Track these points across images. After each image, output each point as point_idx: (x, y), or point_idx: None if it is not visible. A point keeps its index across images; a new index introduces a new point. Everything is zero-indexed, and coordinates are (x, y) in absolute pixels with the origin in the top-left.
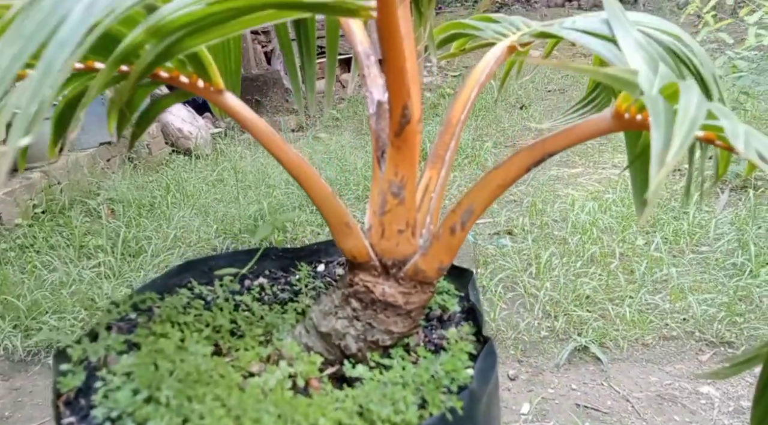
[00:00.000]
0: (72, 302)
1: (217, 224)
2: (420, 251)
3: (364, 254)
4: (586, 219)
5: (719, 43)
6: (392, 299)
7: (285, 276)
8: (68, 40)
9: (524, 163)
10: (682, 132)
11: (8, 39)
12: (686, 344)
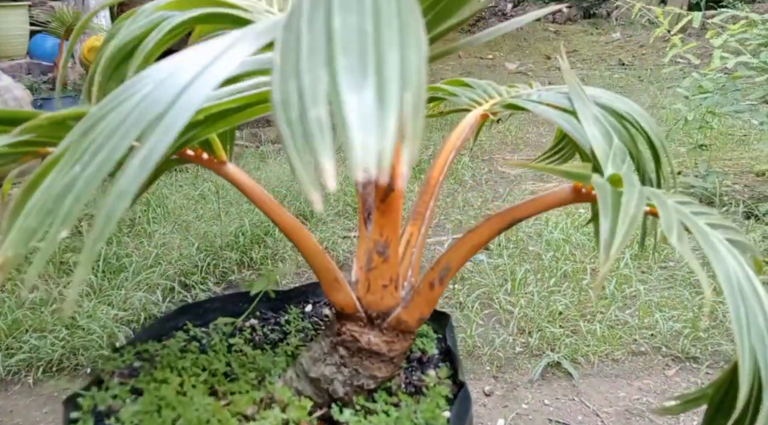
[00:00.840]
0: (53, 320)
1: (199, 241)
2: (402, 303)
3: (352, 306)
4: (559, 236)
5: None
6: (377, 348)
7: (275, 317)
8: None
9: (495, 228)
10: (623, 230)
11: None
12: (654, 359)
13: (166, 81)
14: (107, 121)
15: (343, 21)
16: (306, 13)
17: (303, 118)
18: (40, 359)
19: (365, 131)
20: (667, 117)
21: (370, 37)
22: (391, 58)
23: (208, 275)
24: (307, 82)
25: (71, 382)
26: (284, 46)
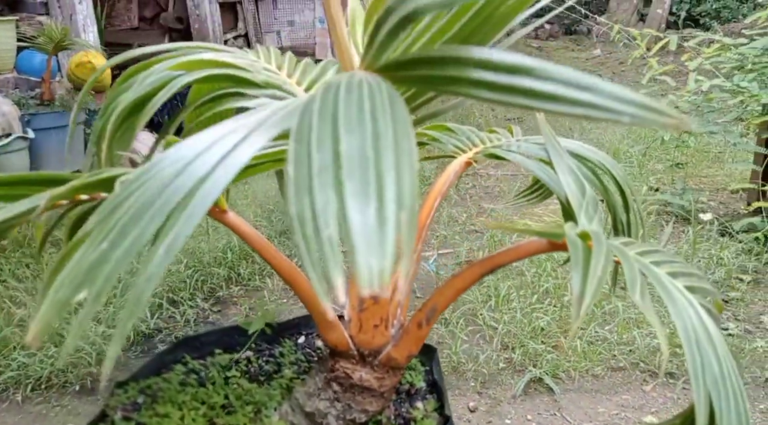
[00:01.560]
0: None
1: (187, 257)
2: (392, 341)
3: (345, 344)
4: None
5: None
6: (368, 384)
7: (269, 348)
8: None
9: (477, 273)
10: (591, 290)
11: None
12: (632, 374)
13: (188, 168)
14: (132, 201)
15: (349, 144)
16: (315, 131)
17: (317, 235)
18: (29, 376)
19: (369, 253)
20: (646, 135)
21: (371, 161)
22: (389, 183)
23: (196, 292)
24: (320, 203)
25: (60, 400)
26: (296, 159)
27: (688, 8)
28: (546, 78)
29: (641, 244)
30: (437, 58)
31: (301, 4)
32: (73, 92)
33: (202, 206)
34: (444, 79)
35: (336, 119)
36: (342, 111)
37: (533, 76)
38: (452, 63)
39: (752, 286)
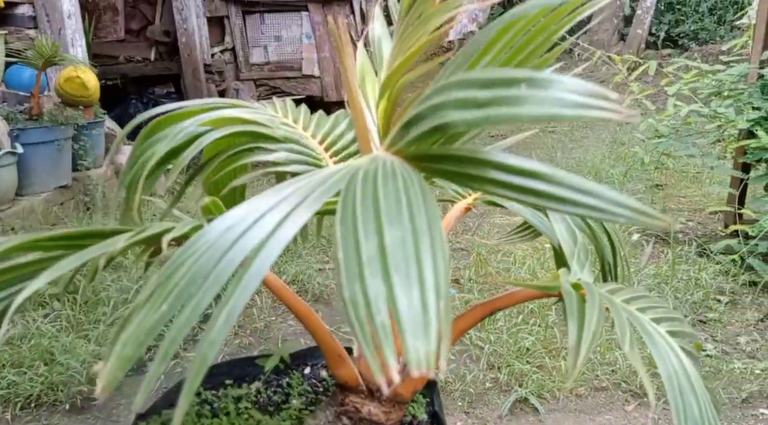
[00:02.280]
0: (31, 356)
1: None
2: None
3: (354, 380)
4: (526, 275)
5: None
6: (376, 418)
7: (277, 379)
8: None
9: (478, 315)
10: (587, 343)
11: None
12: (614, 395)
13: (240, 242)
14: (186, 268)
15: (392, 237)
16: (360, 220)
17: (371, 319)
18: (18, 395)
19: (416, 338)
20: (626, 155)
21: (412, 254)
22: (428, 274)
23: None
24: (372, 291)
25: (50, 418)
26: (345, 245)
27: (667, 29)
28: (557, 183)
29: (627, 290)
30: (461, 157)
31: (289, 20)
32: (62, 107)
33: (256, 278)
34: (466, 176)
35: (378, 210)
36: (383, 203)
37: (545, 180)
38: (474, 163)
39: (729, 307)
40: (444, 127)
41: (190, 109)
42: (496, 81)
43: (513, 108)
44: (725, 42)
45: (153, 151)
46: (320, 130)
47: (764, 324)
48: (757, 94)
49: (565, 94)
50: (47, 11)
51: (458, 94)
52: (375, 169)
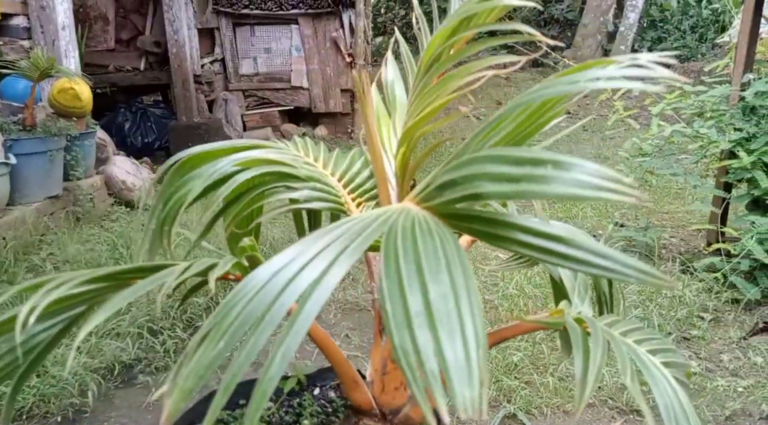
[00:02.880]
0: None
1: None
2: (409, 402)
3: (368, 404)
4: (513, 291)
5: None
6: None
7: (288, 400)
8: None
9: (489, 343)
10: (592, 377)
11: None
12: (601, 411)
13: (289, 288)
14: (240, 309)
15: (436, 292)
16: (405, 275)
17: (421, 366)
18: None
19: (462, 385)
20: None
21: (453, 308)
22: (468, 326)
23: (176, 321)
24: (421, 341)
25: None
26: (391, 297)
27: (649, 46)
28: (575, 246)
29: (623, 322)
30: (491, 219)
31: (279, 33)
32: (54, 118)
33: (307, 321)
34: (494, 236)
35: (420, 267)
36: (424, 261)
37: (565, 243)
38: (502, 225)
39: (712, 324)
40: (478, 196)
41: (220, 149)
42: (526, 160)
43: (541, 185)
44: (706, 60)
45: (189, 188)
46: (338, 168)
47: (746, 341)
48: (739, 115)
49: (585, 177)
50: (42, 23)
51: (492, 168)
52: (411, 225)
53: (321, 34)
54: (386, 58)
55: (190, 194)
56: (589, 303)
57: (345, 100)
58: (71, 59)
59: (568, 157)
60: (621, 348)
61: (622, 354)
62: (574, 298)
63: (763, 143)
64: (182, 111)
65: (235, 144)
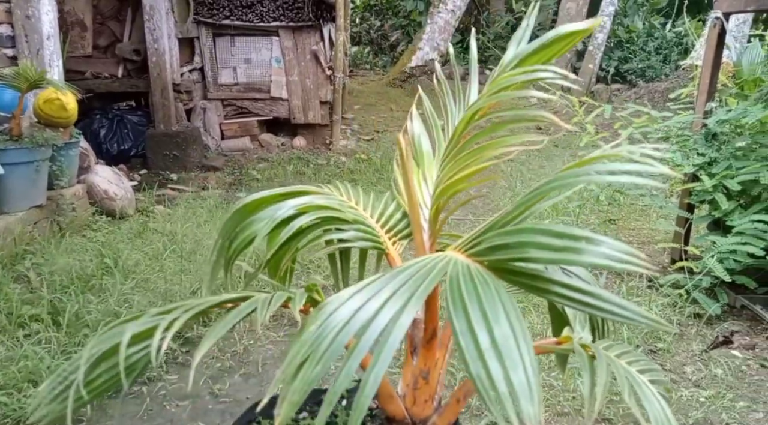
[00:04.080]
0: (20, 377)
1: (159, 298)
2: (436, 413)
3: (401, 415)
4: None
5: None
6: None
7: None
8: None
9: None
10: (600, 395)
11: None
12: (575, 420)
13: (373, 323)
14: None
15: (500, 332)
16: (472, 316)
17: (495, 389)
18: (7, 416)
19: (527, 403)
20: (582, 190)
21: (513, 343)
22: (526, 357)
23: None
24: (493, 371)
25: None
26: (462, 333)
27: (616, 65)
28: (602, 300)
29: (617, 346)
30: (534, 274)
31: (259, 44)
32: (41, 128)
33: (390, 351)
34: (536, 288)
35: (484, 311)
36: (486, 306)
37: (594, 297)
38: (544, 280)
39: (677, 338)
40: (527, 259)
41: (274, 194)
42: (566, 235)
43: (577, 256)
44: (669, 81)
45: (255, 229)
46: (376, 211)
47: (707, 354)
48: (702, 141)
49: (612, 251)
50: (27, 32)
51: (540, 239)
52: (469, 274)
53: (301, 46)
54: (411, 113)
55: (259, 234)
56: (588, 329)
57: (324, 112)
58: (55, 68)
59: (599, 235)
60: (619, 369)
61: (620, 374)
62: (575, 325)
63: (724, 168)
64: (160, 119)
65: (287, 190)
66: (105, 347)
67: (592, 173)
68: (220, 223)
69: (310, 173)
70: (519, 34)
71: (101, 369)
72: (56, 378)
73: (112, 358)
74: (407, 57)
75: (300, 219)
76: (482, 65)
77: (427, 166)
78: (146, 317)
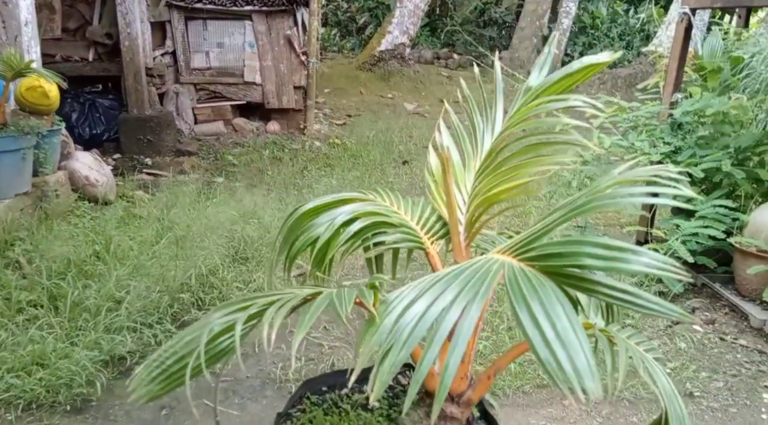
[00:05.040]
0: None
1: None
2: (470, 388)
3: None
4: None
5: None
6: (455, 415)
7: (357, 387)
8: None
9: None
10: (623, 372)
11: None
12: (553, 391)
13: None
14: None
15: (562, 325)
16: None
17: (562, 371)
18: (19, 397)
19: (589, 380)
20: (552, 177)
21: (572, 334)
22: (584, 345)
23: (165, 316)
24: (560, 356)
25: (50, 419)
26: (529, 327)
27: (581, 51)
28: (638, 297)
29: (626, 329)
30: (581, 277)
31: (232, 28)
32: (26, 115)
33: (464, 342)
34: (582, 288)
35: (544, 307)
36: (546, 303)
37: (631, 295)
38: (589, 282)
39: (644, 315)
40: (579, 266)
41: (327, 202)
42: (614, 247)
43: (624, 264)
44: (632, 67)
45: (317, 232)
46: (415, 214)
47: (672, 330)
48: (668, 130)
49: (652, 261)
50: (4, 18)
51: (591, 249)
52: (525, 276)
53: (275, 31)
54: (438, 125)
55: (320, 237)
56: (600, 316)
57: (298, 96)
58: (33, 55)
59: (641, 248)
60: (635, 350)
61: (635, 355)
62: (590, 312)
63: (688, 156)
64: (133, 103)
65: (337, 198)
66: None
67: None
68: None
69: (287, 159)
70: (541, 60)
71: (211, 345)
72: (153, 362)
73: (217, 339)
74: (376, 40)
75: (356, 224)
76: (450, 49)
77: (459, 175)
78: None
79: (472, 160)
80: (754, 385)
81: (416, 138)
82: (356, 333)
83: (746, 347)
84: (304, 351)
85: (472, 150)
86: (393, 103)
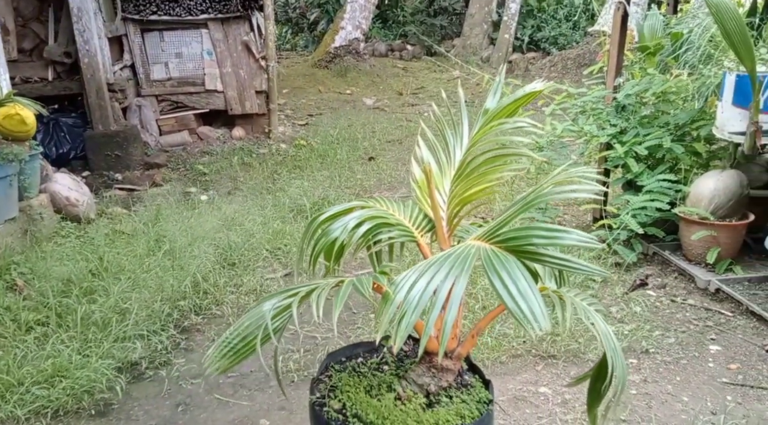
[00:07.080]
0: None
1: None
2: (459, 345)
3: (435, 348)
4: None
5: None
6: (449, 367)
7: (369, 357)
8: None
9: (492, 316)
10: (567, 322)
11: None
12: (527, 359)
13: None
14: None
15: (522, 286)
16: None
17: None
18: (46, 407)
19: (542, 321)
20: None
21: (530, 292)
22: (539, 299)
23: (168, 323)
24: (523, 306)
25: (78, 422)
26: (501, 288)
27: (530, 34)
28: (571, 261)
29: (573, 290)
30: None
31: (189, 37)
32: (5, 143)
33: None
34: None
35: (511, 274)
36: (512, 271)
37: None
38: (540, 255)
39: (602, 285)
40: (531, 244)
41: (341, 210)
42: (553, 229)
43: (561, 241)
44: (580, 47)
45: (333, 236)
46: (406, 214)
47: (628, 296)
48: (613, 113)
49: (579, 237)
50: None
51: (538, 232)
52: (495, 254)
53: (232, 37)
54: (418, 141)
55: (338, 239)
56: (553, 280)
57: (260, 101)
58: (2, 81)
59: (571, 229)
60: (578, 304)
61: (579, 307)
62: (545, 278)
63: (633, 136)
64: (98, 120)
65: (346, 207)
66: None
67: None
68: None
69: (256, 164)
70: (494, 87)
71: (275, 321)
72: (222, 343)
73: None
74: (330, 37)
75: (363, 226)
76: (404, 40)
77: (438, 181)
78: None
79: (447, 168)
80: (701, 339)
81: (379, 133)
82: (341, 326)
83: (694, 306)
84: (301, 344)
85: (446, 160)
86: (352, 99)
